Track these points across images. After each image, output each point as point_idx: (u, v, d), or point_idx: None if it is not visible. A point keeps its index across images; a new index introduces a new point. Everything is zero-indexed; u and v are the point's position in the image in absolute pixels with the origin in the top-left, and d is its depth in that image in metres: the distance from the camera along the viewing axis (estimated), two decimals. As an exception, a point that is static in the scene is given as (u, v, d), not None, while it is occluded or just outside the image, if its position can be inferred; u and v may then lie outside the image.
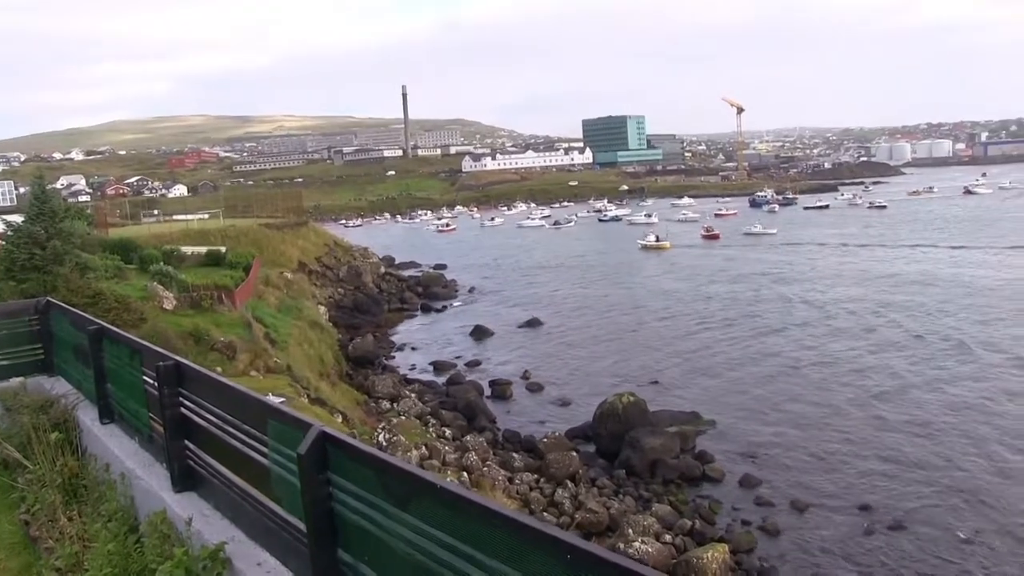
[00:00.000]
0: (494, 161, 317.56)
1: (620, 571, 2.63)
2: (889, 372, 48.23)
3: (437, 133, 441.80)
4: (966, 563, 26.28)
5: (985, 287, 73.05)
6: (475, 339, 64.00)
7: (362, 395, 45.07)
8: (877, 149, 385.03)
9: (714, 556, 24.95)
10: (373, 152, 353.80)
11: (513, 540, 3.09)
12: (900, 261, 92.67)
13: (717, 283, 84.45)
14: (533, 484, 32.93)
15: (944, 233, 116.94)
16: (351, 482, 4.34)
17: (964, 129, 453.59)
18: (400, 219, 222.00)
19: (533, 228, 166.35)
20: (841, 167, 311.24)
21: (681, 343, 58.84)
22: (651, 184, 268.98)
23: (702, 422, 40.47)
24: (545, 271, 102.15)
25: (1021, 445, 35.72)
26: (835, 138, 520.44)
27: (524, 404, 46.83)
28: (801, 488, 32.72)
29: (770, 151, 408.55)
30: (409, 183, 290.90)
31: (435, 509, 3.57)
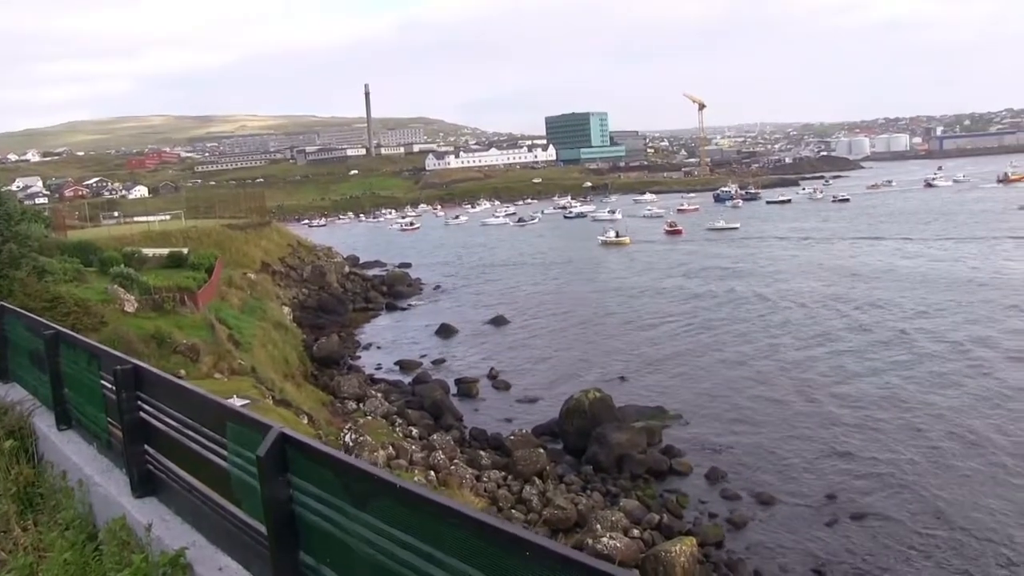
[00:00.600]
0: (457, 159, 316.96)
1: (578, 567, 2.62)
2: (849, 366, 48.74)
3: (400, 132, 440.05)
4: (925, 551, 26.66)
5: (944, 278, 74.17)
6: (441, 337, 63.88)
7: (328, 396, 44.84)
8: (837, 144, 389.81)
9: (682, 549, 25.04)
10: (336, 151, 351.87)
11: (472, 538, 3.07)
12: (861, 255, 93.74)
13: (680, 278, 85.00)
14: (501, 482, 32.91)
15: (905, 226, 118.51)
16: (311, 483, 4.28)
17: (920, 124, 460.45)
18: (364, 218, 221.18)
19: (497, 226, 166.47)
20: (802, 162, 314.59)
21: (645, 338, 59.11)
22: (614, 181, 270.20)
23: (668, 417, 40.68)
24: (509, 268, 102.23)
25: (971, 437, 36.21)
26: (795, 133, 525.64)
27: (491, 402, 46.82)
28: (766, 481, 33.01)
29: (732, 147, 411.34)
30: (372, 182, 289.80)
31: (395, 509, 3.54)
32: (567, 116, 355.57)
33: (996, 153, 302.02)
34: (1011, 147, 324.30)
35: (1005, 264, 79.72)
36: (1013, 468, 32.49)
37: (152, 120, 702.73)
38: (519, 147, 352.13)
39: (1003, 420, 37.72)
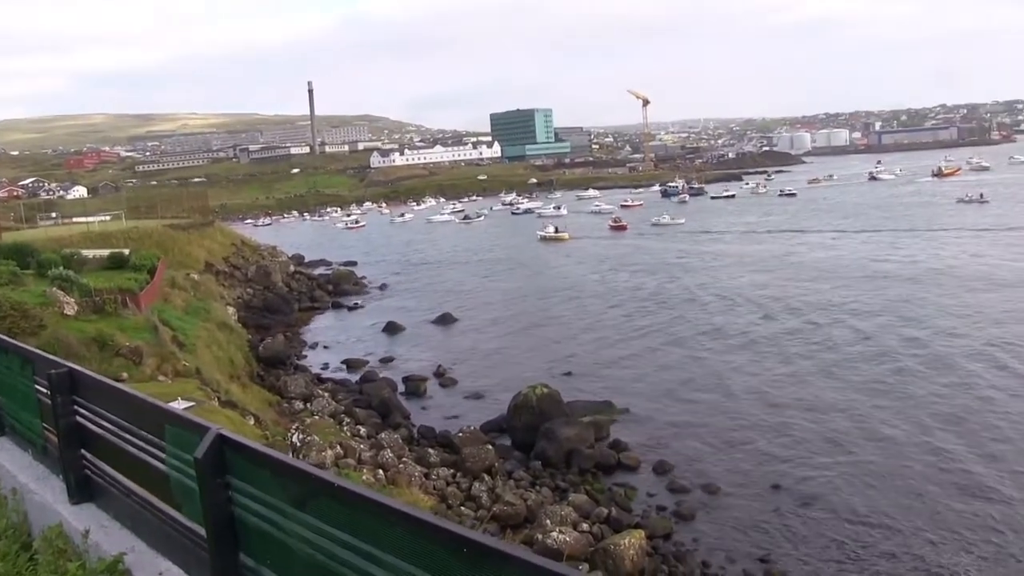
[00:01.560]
0: (402, 156, 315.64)
1: (514, 562, 2.63)
2: (792, 359, 49.56)
3: (344, 129, 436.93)
4: (866, 539, 27.16)
5: (884, 270, 75.81)
6: (387, 335, 63.63)
7: (274, 396, 44.40)
8: (779, 139, 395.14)
9: (631, 542, 25.26)
10: (280, 150, 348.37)
11: (410, 536, 3.06)
12: (805, 248, 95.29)
13: (623, 273, 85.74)
14: (450, 479, 32.87)
15: (847, 220, 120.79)
16: (250, 484, 4.23)
17: (860, 119, 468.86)
18: (308, 217, 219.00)
19: (443, 223, 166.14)
20: (745, 157, 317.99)
21: (591, 334, 59.48)
22: (560, 177, 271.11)
23: (615, 411, 40.95)
24: (455, 266, 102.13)
25: (910, 427, 37.06)
26: (738, 128, 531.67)
27: (438, 399, 46.76)
28: (713, 472, 33.41)
29: (676, 142, 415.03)
30: (317, 180, 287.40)
31: (333, 508, 3.52)
32: (512, 113, 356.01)
33: (931, 148, 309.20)
34: (945, 142, 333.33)
35: (942, 257, 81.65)
36: (948, 456, 33.30)
37: (91, 119, 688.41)
38: (464, 144, 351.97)
39: (940, 411, 38.62)
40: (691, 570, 25.66)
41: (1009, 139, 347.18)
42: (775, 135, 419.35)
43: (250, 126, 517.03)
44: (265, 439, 29.25)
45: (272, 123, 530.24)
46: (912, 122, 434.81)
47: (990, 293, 62.22)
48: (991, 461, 32.36)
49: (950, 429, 35.98)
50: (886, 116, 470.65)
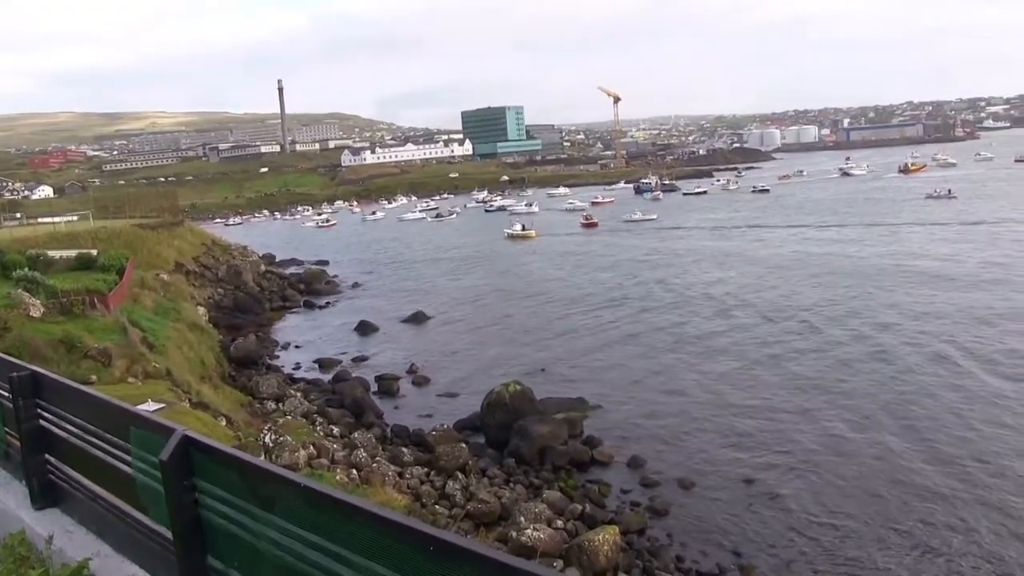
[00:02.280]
0: (373, 155, 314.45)
1: (480, 560, 2.62)
2: (763, 354, 49.92)
3: (315, 128, 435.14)
4: (839, 528, 27.46)
5: (853, 266, 76.60)
6: (360, 335, 63.40)
7: (246, 396, 44.08)
8: (749, 135, 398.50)
9: (605, 538, 25.31)
10: (250, 148, 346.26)
11: (377, 535, 3.05)
12: (775, 244, 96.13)
13: (594, 270, 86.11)
14: (424, 478, 32.77)
15: (817, 215, 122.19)
16: (216, 486, 4.18)
17: (828, 116, 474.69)
18: (279, 216, 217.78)
19: (414, 221, 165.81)
20: (715, 153, 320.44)
21: (563, 331, 59.62)
22: (531, 174, 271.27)
23: (588, 407, 41.03)
24: (427, 264, 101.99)
25: (879, 421, 37.53)
26: (709, 125, 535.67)
27: (412, 398, 46.65)
28: (686, 466, 33.57)
29: (647, 139, 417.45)
30: (288, 179, 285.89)
31: (301, 509, 3.50)
32: (483, 111, 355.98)
33: (899, 144, 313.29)
34: (912, 138, 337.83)
35: (911, 252, 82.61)
36: (907, 450, 33.74)
37: (57, 117, 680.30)
38: (435, 142, 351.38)
39: (903, 407, 39.08)
40: (665, 564, 25.75)
41: (972, 135, 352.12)
42: (745, 132, 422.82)
43: (220, 124, 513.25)
44: (237, 440, 29.05)
45: (242, 121, 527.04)
46: (880, 119, 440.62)
47: (952, 291, 62.94)
48: (943, 455, 32.82)
49: (910, 424, 36.44)
50: (854, 113, 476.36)
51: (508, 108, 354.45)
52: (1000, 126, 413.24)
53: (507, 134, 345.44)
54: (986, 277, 65.92)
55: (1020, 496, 28.75)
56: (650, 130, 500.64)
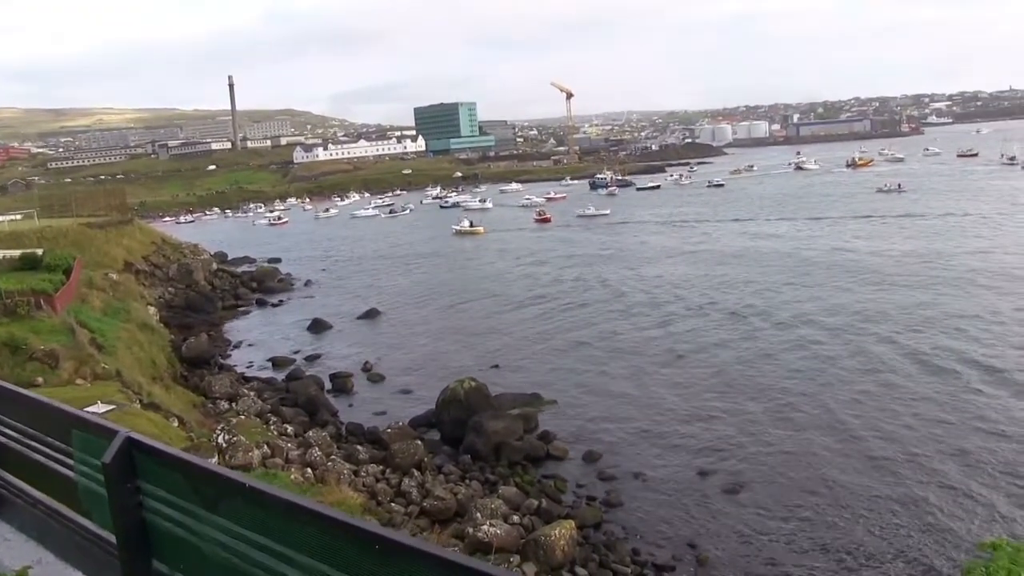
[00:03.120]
0: (326, 151, 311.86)
1: (425, 557, 2.62)
2: (716, 347, 50.57)
3: (266, 124, 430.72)
4: (790, 523, 27.85)
5: (807, 258, 77.76)
6: (313, 333, 62.96)
7: (199, 396, 43.62)
8: (701, 131, 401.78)
9: (561, 533, 25.41)
10: (200, 145, 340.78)
11: (323, 535, 3.03)
12: (727, 237, 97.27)
13: (546, 266, 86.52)
14: (379, 475, 32.65)
15: (768, 209, 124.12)
16: (161, 488, 4.11)
17: (778, 111, 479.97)
18: (231, 213, 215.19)
19: (367, 218, 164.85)
20: (668, 149, 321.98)
21: (517, 326, 59.76)
22: (484, 170, 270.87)
23: (543, 403, 41.17)
24: (380, 261, 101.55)
25: (829, 414, 38.13)
26: (661, 121, 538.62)
27: (366, 396, 46.45)
28: (641, 460, 33.84)
29: (600, 135, 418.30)
30: (239, 176, 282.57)
31: (246, 509, 3.45)
32: (436, 107, 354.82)
33: (847, 139, 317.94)
34: (860, 134, 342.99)
35: (861, 243, 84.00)
36: (859, 439, 34.35)
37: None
38: (388, 138, 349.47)
39: (853, 397, 39.86)
40: (621, 557, 25.95)
41: (917, 131, 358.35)
42: (697, 127, 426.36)
43: (169, 121, 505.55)
44: (190, 441, 28.74)
45: (192, 118, 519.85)
46: (828, 114, 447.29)
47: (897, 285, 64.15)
48: (895, 442, 33.53)
49: (860, 414, 37.14)
50: (804, 109, 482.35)
51: (461, 104, 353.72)
52: (943, 122, 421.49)
53: (460, 130, 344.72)
54: (927, 272, 67.23)
55: (948, 487, 29.44)
56: (603, 126, 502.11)
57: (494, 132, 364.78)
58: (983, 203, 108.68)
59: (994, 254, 72.08)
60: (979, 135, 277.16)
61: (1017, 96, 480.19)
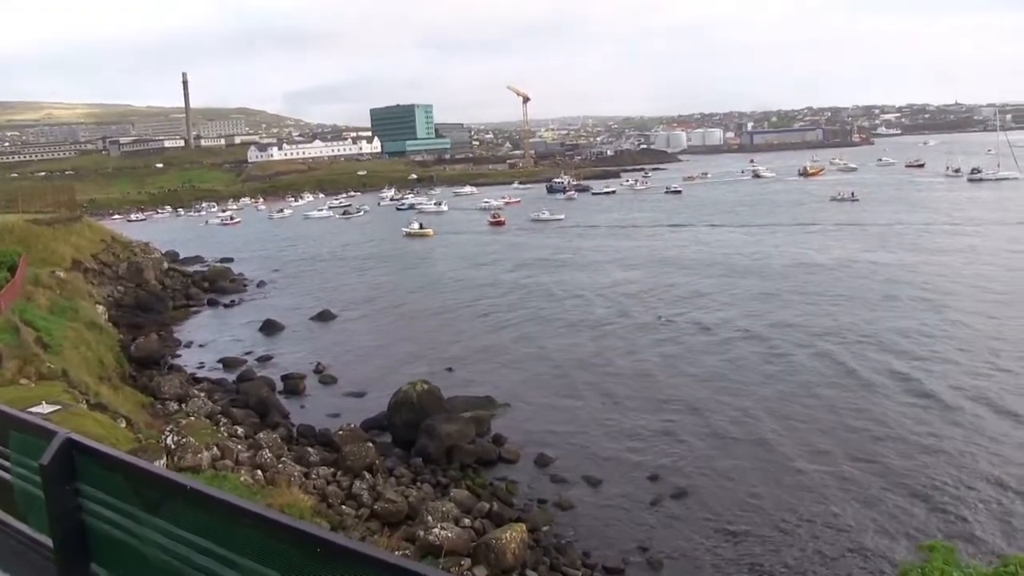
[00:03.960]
0: (281, 151, 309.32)
1: (366, 560, 2.61)
2: (668, 351, 51.07)
3: (221, 123, 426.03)
4: (742, 522, 28.17)
5: (758, 266, 78.68)
6: (265, 334, 62.37)
7: (147, 397, 42.89)
8: (656, 137, 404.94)
9: (512, 536, 25.43)
10: (153, 143, 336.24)
11: (264, 537, 3.00)
12: (680, 244, 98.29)
13: (501, 269, 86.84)
14: (330, 478, 32.41)
15: (727, 216, 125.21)
16: (101, 490, 4.04)
17: (733, 119, 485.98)
18: (183, 212, 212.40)
19: (321, 219, 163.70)
20: (623, 154, 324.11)
21: (469, 329, 59.87)
22: (440, 173, 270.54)
23: (496, 406, 41.19)
24: (334, 262, 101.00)
25: (778, 417, 38.71)
26: (617, 126, 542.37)
27: (318, 397, 46.12)
28: (592, 463, 33.97)
29: (555, 139, 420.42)
30: (192, 175, 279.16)
31: (187, 512, 3.42)
32: (392, 108, 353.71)
33: (800, 148, 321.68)
34: (812, 142, 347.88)
35: (815, 251, 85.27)
36: (816, 442, 34.84)
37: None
38: (344, 139, 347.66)
39: (804, 397, 40.53)
40: (572, 560, 26.01)
41: (868, 141, 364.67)
42: (652, 133, 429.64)
43: (121, 117, 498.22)
44: (138, 442, 28.31)
45: (145, 115, 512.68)
46: (782, 123, 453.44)
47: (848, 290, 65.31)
48: (840, 448, 34.09)
49: (806, 420, 37.74)
50: (758, 117, 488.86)
51: (417, 106, 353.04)
52: (892, 133, 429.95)
53: (416, 132, 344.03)
54: (878, 276, 68.61)
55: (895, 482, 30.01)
56: (559, 130, 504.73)
57: (450, 135, 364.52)
58: (932, 214, 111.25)
59: (939, 266, 73.61)
60: (926, 147, 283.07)
61: (962, 110, 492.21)
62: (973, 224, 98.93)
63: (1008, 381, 41.20)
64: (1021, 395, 39.13)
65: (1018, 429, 35.35)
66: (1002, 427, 35.55)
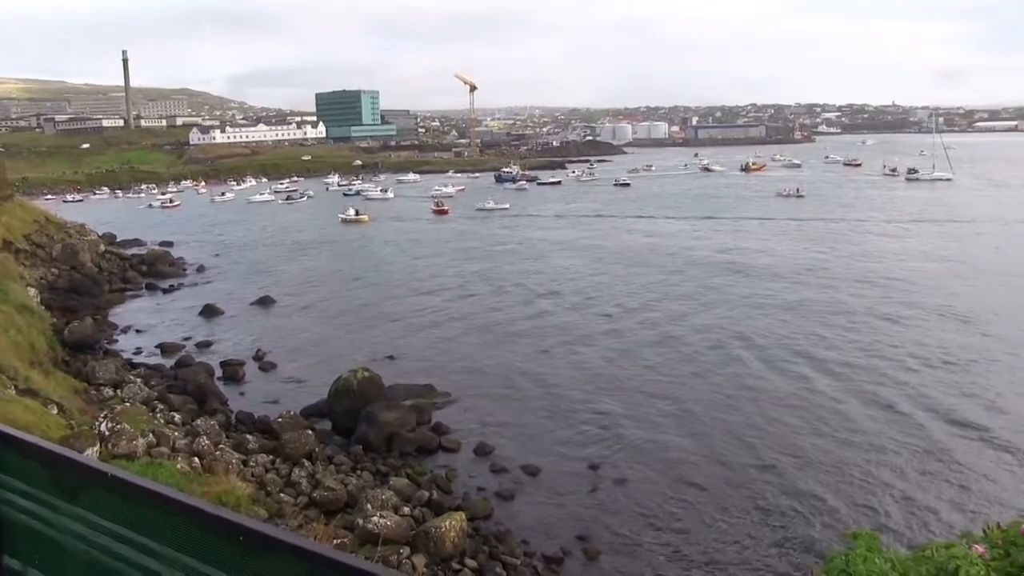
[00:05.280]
0: (224, 134, 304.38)
1: (289, 548, 2.59)
2: (605, 340, 51.58)
3: (162, 103, 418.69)
4: (680, 510, 28.59)
5: (697, 257, 79.72)
6: (205, 319, 61.51)
7: (81, 383, 41.99)
8: (601, 129, 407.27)
9: (452, 524, 25.46)
10: (90, 122, 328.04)
11: (188, 526, 2.95)
12: (625, 234, 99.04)
13: (442, 257, 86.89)
14: (269, 465, 32.12)
15: (675, 209, 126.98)
16: (15, 478, 3.89)
17: (678, 113, 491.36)
18: (121, 194, 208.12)
19: (264, 203, 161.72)
20: (569, 145, 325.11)
21: (411, 317, 59.65)
22: (385, 160, 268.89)
23: (437, 394, 41.16)
24: (275, 247, 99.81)
25: (714, 404, 39.32)
26: (563, 117, 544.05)
27: (258, 384, 45.63)
28: (532, 452, 34.13)
29: (501, 129, 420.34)
30: (131, 155, 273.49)
31: (107, 500, 3.33)
32: (338, 93, 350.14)
33: (743, 143, 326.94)
34: (755, 139, 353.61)
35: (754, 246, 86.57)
36: (745, 434, 35.44)
37: None
38: (288, 123, 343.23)
39: (736, 389, 41.26)
40: (511, 549, 26.11)
41: (809, 139, 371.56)
42: (598, 125, 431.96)
43: (57, 95, 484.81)
44: (70, 428, 27.76)
45: (82, 93, 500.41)
46: (726, 119, 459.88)
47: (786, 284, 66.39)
48: (764, 443, 34.66)
49: (739, 412, 38.34)
50: (703, 112, 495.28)
51: (364, 92, 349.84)
52: (832, 132, 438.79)
53: (362, 118, 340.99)
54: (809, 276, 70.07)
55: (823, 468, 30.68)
56: (505, 120, 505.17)
57: (396, 122, 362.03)
58: (871, 211, 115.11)
59: (881, 260, 75.45)
60: (864, 146, 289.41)
61: (899, 111, 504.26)
62: (915, 221, 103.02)
63: (931, 376, 42.60)
64: (943, 390, 40.40)
65: (936, 421, 36.59)
66: (921, 420, 36.69)
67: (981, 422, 36.10)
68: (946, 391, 40.26)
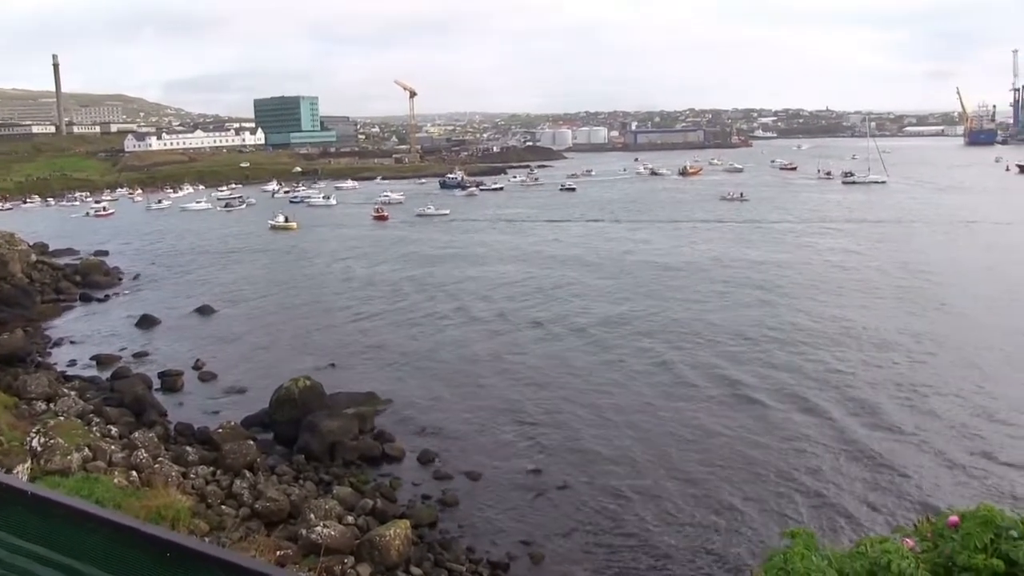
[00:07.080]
0: (160, 141, 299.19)
1: (216, 563, 2.53)
2: (548, 346, 51.83)
3: (96, 109, 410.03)
4: (623, 512, 28.82)
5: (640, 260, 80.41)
6: (142, 329, 60.39)
7: (11, 397, 40.86)
8: (542, 135, 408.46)
9: (396, 533, 25.31)
10: (19, 128, 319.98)
11: (112, 543, 2.86)
12: (564, 239, 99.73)
13: (383, 264, 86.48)
14: (209, 477, 31.64)
15: (609, 213, 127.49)
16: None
17: (617, 118, 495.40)
18: (54, 202, 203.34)
19: (201, 211, 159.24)
20: (509, 151, 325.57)
21: (350, 324, 59.48)
22: (325, 166, 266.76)
23: (379, 402, 40.93)
24: (212, 255, 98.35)
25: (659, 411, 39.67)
26: (503, 123, 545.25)
27: (197, 395, 44.94)
28: (475, 460, 34.14)
29: (442, 134, 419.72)
30: (64, 163, 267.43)
31: (28, 519, 3.20)
32: (277, 99, 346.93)
33: (682, 148, 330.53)
34: (693, 143, 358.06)
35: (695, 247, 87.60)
36: (686, 436, 35.90)
37: None
38: (226, 130, 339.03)
39: (678, 388, 41.94)
40: (456, 556, 26.06)
41: (746, 143, 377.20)
42: (538, 131, 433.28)
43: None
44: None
45: (10, 98, 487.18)
46: (664, 123, 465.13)
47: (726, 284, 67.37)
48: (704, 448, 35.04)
49: (681, 414, 38.83)
50: (641, 117, 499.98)
51: (303, 98, 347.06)
52: (769, 136, 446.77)
53: (301, 124, 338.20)
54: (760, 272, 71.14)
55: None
56: (446, 125, 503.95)
57: (336, 128, 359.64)
58: (812, 211, 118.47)
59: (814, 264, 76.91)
60: (800, 150, 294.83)
61: (832, 116, 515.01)
62: (854, 222, 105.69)
63: (866, 375, 43.50)
64: (878, 388, 41.30)
65: (872, 416, 37.44)
66: (856, 420, 37.44)
67: (914, 421, 37.00)
68: (879, 390, 41.14)
